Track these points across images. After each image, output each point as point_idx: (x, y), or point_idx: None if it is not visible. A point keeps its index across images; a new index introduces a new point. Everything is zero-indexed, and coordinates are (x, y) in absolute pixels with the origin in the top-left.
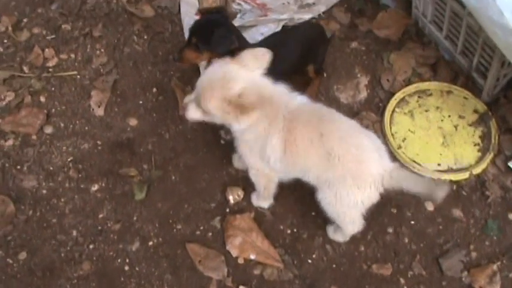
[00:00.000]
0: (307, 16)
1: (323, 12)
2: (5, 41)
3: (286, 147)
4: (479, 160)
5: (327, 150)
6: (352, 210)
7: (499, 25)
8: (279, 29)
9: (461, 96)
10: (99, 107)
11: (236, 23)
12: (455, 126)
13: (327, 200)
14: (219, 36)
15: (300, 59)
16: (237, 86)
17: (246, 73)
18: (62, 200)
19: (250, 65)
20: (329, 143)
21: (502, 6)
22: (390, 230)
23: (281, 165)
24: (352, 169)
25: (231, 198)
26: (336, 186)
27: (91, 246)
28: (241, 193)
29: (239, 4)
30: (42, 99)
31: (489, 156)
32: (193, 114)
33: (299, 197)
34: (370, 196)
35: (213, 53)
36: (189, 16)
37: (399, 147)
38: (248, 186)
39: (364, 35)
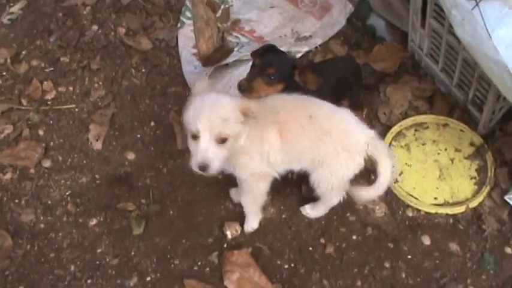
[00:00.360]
0: (304, 49)
1: (320, 45)
2: (4, 73)
3: (282, 137)
4: (476, 193)
5: (318, 129)
6: (343, 181)
7: (494, 61)
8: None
9: (457, 129)
10: (97, 140)
11: (233, 57)
12: (452, 160)
13: (321, 178)
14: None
15: (334, 92)
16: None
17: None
18: (60, 234)
19: None
20: (318, 123)
21: (496, 41)
22: (387, 264)
23: (280, 157)
24: (344, 141)
25: (228, 233)
26: (329, 162)
27: (89, 281)
28: (238, 228)
29: (236, 37)
30: (41, 132)
31: (485, 190)
32: (211, 151)
33: (296, 232)
34: (359, 163)
35: (282, 87)
36: (186, 50)
37: (396, 181)
38: (239, 220)
39: (361, 68)
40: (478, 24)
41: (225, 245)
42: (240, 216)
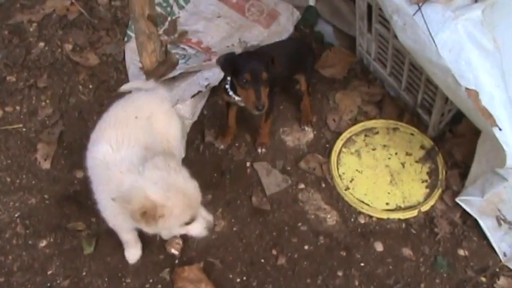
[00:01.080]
0: None
1: None
2: None
3: None
4: (428, 197)
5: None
6: None
7: (437, 66)
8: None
9: (407, 133)
10: (45, 160)
11: (180, 69)
12: (403, 164)
13: None
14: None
15: (288, 65)
16: None
17: None
18: (10, 257)
19: None
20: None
21: (440, 45)
22: (340, 273)
23: None
24: None
25: (172, 250)
26: None
27: None
28: (179, 241)
29: (184, 49)
30: None
31: (437, 193)
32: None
33: (247, 244)
34: None
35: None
36: (133, 64)
37: (347, 188)
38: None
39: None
40: (419, 29)
41: (176, 261)
42: None
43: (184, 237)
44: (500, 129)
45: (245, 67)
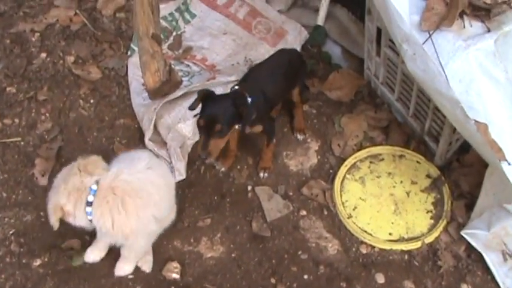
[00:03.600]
0: None
1: None
2: None
3: None
4: (432, 228)
5: None
6: None
7: (446, 97)
8: (227, 91)
9: (413, 161)
10: (43, 176)
11: (183, 89)
12: (408, 193)
13: None
14: (247, 109)
15: (284, 84)
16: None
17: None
18: (3, 276)
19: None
20: None
21: (450, 76)
22: None
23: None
24: None
25: (169, 274)
26: None
27: None
28: (176, 265)
29: (188, 66)
30: None
31: (442, 224)
32: None
33: (246, 271)
34: None
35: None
36: (136, 80)
37: (349, 216)
38: (187, 259)
39: (315, 96)
40: (429, 59)
41: (172, 287)
42: (180, 256)
43: (182, 262)
44: (509, 164)
45: (203, 112)
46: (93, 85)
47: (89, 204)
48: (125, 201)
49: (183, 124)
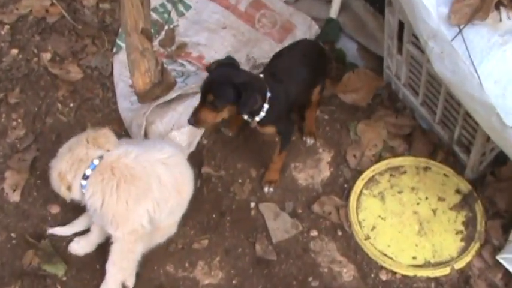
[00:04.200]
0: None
1: None
2: None
3: None
4: (463, 252)
5: None
6: None
7: (479, 102)
8: None
9: (440, 174)
10: (14, 191)
11: (177, 90)
12: (434, 211)
13: None
14: (247, 96)
15: (309, 80)
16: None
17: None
18: None
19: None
20: None
21: (483, 76)
22: None
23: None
24: None
25: None
26: None
27: None
28: None
29: (182, 64)
30: None
31: (474, 247)
32: None
33: None
34: None
35: (233, 109)
36: (123, 81)
37: (367, 237)
38: (181, 286)
39: (327, 100)
40: (459, 58)
41: None
42: (174, 283)
43: None
44: None
45: (206, 78)
46: (72, 86)
47: (85, 177)
48: (119, 185)
49: (177, 132)
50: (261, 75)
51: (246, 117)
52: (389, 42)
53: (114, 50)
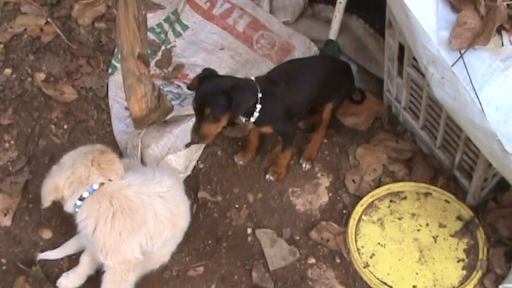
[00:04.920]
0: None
1: None
2: None
3: None
4: (464, 280)
5: None
6: None
7: (480, 129)
8: None
9: (441, 200)
10: (5, 215)
11: (173, 112)
12: (435, 238)
13: None
14: (237, 98)
15: (317, 95)
16: None
17: None
18: None
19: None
20: None
21: (485, 102)
22: None
23: None
24: None
25: None
26: None
27: None
28: None
29: (178, 86)
30: None
31: (476, 276)
32: None
33: None
34: None
35: (230, 115)
36: (118, 102)
37: (366, 265)
38: None
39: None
40: (460, 84)
41: None
42: None
43: None
44: None
45: (196, 95)
46: (67, 108)
47: (81, 198)
48: (115, 216)
49: (173, 155)
50: (252, 78)
51: (243, 120)
52: (390, 65)
53: (110, 70)
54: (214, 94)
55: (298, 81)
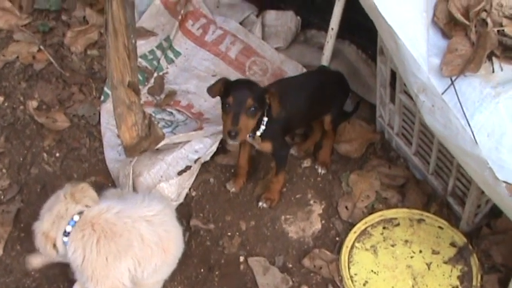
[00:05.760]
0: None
1: None
2: None
3: None
4: None
5: None
6: None
7: (471, 156)
8: (216, 145)
9: (435, 226)
10: None
11: (164, 140)
12: (428, 265)
13: None
14: (275, 101)
15: (312, 107)
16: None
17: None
18: None
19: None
20: None
21: (476, 129)
22: None
23: None
24: None
25: None
26: None
27: None
28: None
29: (171, 113)
30: None
31: None
32: None
33: None
34: None
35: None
36: (110, 130)
37: None
38: None
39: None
40: (450, 112)
41: None
42: None
43: None
44: None
45: (231, 90)
46: (59, 135)
47: (67, 234)
48: (99, 241)
49: (165, 184)
50: None
51: (248, 136)
52: (382, 91)
53: (102, 98)
54: (254, 90)
55: (290, 97)
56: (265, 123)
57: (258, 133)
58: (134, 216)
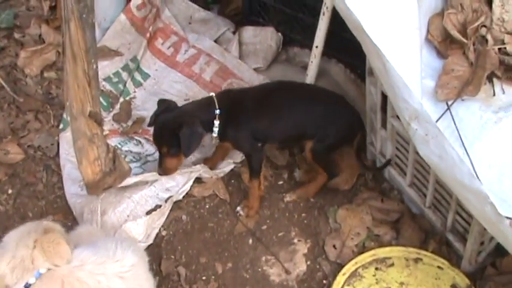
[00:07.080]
0: (228, 167)
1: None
2: None
3: None
4: None
5: None
6: None
7: (471, 190)
8: (189, 184)
9: (434, 266)
10: None
11: (133, 179)
12: None
13: None
14: (184, 139)
15: (294, 125)
16: None
17: None
18: None
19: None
20: None
21: (476, 159)
22: None
23: None
24: None
25: None
26: None
27: None
28: None
29: (139, 143)
30: None
31: None
32: None
33: None
34: None
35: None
36: (71, 162)
37: None
38: None
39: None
40: (446, 142)
41: None
42: None
43: None
44: None
45: (153, 132)
46: (12, 169)
47: (28, 286)
48: None
49: (132, 223)
50: (212, 94)
51: (214, 135)
52: (372, 116)
53: (61, 126)
54: (165, 134)
55: (270, 105)
56: (216, 125)
57: (214, 134)
58: (108, 273)
